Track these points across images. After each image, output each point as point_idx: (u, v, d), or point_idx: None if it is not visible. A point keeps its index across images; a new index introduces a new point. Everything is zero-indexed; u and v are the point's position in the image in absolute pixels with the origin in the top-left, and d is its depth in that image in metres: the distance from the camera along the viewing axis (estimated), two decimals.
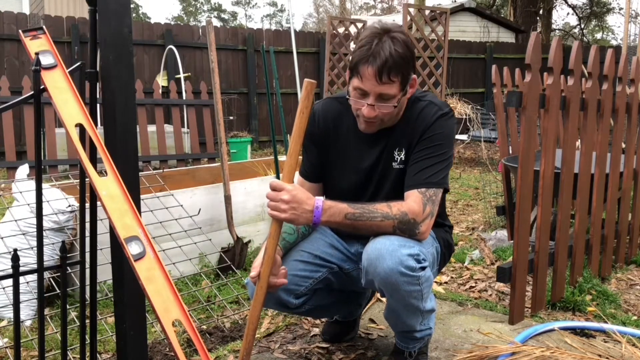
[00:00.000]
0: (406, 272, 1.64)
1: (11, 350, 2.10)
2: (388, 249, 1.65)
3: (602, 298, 2.64)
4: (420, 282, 1.70)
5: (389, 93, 1.68)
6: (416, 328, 1.89)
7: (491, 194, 4.57)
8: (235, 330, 2.34)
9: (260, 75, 9.60)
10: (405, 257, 1.64)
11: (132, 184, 1.44)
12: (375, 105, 1.70)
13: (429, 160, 1.76)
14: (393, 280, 1.65)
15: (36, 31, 1.39)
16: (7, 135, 5.62)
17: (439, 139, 1.78)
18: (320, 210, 1.62)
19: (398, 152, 1.83)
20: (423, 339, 1.96)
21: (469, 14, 14.35)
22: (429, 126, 1.78)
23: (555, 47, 2.43)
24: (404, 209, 1.69)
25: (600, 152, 2.83)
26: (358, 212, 1.67)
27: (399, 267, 1.63)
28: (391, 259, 1.63)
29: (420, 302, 1.77)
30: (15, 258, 1.38)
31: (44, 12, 11.18)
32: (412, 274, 1.65)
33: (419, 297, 1.74)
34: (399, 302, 1.75)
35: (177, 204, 2.88)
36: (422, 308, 1.80)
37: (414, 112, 1.81)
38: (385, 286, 1.69)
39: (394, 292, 1.70)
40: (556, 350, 1.94)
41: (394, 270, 1.63)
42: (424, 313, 1.83)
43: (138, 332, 1.51)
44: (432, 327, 1.99)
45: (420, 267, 1.67)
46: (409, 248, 1.66)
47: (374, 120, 1.75)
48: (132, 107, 1.48)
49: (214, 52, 3.14)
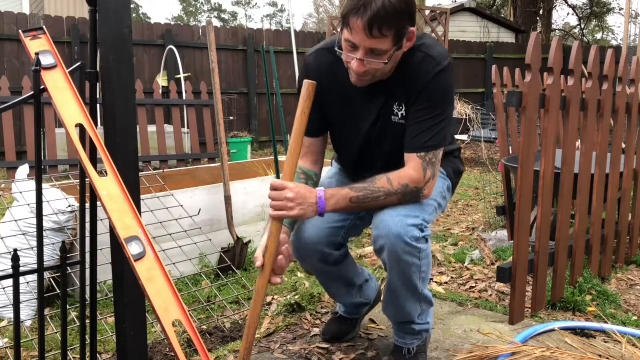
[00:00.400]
0: (409, 241, 1.69)
1: (11, 350, 2.10)
2: (394, 219, 1.70)
3: (602, 298, 2.64)
4: (420, 256, 1.73)
5: (380, 48, 1.59)
6: (414, 318, 1.91)
7: (491, 194, 4.57)
8: (235, 330, 2.34)
9: (260, 75, 9.60)
10: (410, 227, 1.69)
11: (132, 184, 1.44)
12: (365, 60, 1.62)
13: (427, 121, 1.72)
14: (397, 248, 1.70)
15: (36, 31, 1.39)
16: (7, 135, 5.62)
17: (437, 98, 1.71)
18: (324, 200, 1.65)
19: (397, 107, 1.78)
20: (421, 335, 1.98)
21: (469, 14, 14.36)
22: (427, 84, 1.70)
23: (555, 47, 2.43)
24: (405, 181, 1.72)
25: (600, 152, 2.83)
26: (361, 195, 1.69)
27: (404, 236, 1.68)
28: (397, 228, 1.69)
29: (418, 281, 1.80)
30: (15, 258, 1.38)
31: (44, 12, 11.18)
32: (414, 244, 1.70)
33: (418, 272, 1.77)
34: (399, 276, 1.78)
35: (177, 204, 2.88)
36: (420, 289, 1.84)
37: (411, 65, 1.72)
38: (389, 254, 1.73)
39: (396, 262, 1.73)
40: (556, 350, 1.94)
41: (398, 238, 1.68)
42: (421, 299, 1.88)
43: (138, 332, 1.51)
44: (431, 324, 2.01)
45: (422, 236, 1.72)
46: (414, 218, 1.71)
47: (364, 76, 1.67)
48: (132, 107, 1.48)
49: (214, 52, 3.14)
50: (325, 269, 2.03)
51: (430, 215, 1.83)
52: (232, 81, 9.38)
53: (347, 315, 2.25)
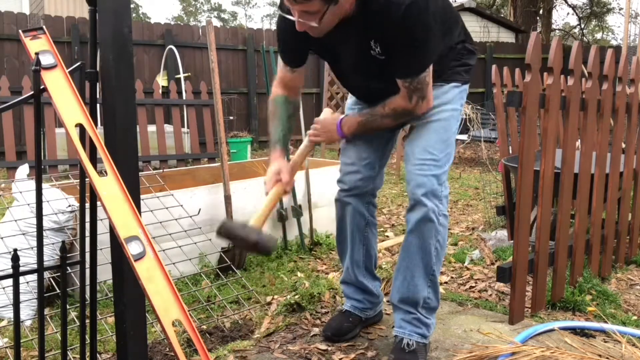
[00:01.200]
0: (431, 191, 1.94)
1: (11, 350, 2.10)
2: (424, 180, 1.95)
3: (602, 298, 2.64)
4: (437, 212, 1.94)
5: (310, 10, 1.69)
6: (419, 299, 2.01)
7: (491, 194, 4.57)
8: (235, 330, 2.34)
9: (260, 75, 9.60)
10: (433, 181, 1.95)
11: (132, 184, 1.44)
12: (301, 21, 1.73)
13: (405, 53, 1.80)
14: (419, 194, 1.93)
15: (36, 31, 1.39)
16: (7, 135, 5.62)
17: (411, 31, 1.74)
18: (340, 126, 2.06)
19: (374, 44, 1.85)
20: (421, 329, 2.02)
21: (469, 14, 14.35)
22: (396, 21, 1.73)
23: (555, 47, 2.43)
24: (394, 106, 1.94)
25: (600, 152, 2.83)
26: (364, 119, 2.02)
27: (426, 188, 1.94)
28: (424, 184, 1.94)
29: (432, 248, 1.98)
30: (15, 258, 1.38)
31: (44, 12, 11.19)
32: (436, 192, 1.94)
33: (434, 237, 1.97)
34: (417, 235, 1.97)
35: (177, 204, 2.88)
36: (432, 262, 2.00)
37: (378, 2, 1.75)
38: (413, 202, 1.96)
39: (419, 210, 1.94)
40: (556, 350, 1.94)
41: (421, 188, 1.94)
42: (431, 279, 2.02)
43: (138, 332, 1.51)
44: (432, 325, 2.07)
45: (442, 191, 1.96)
46: (436, 179, 1.96)
47: (310, 31, 1.79)
48: (132, 107, 1.48)
49: (214, 52, 3.14)
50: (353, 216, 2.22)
51: (454, 147, 2.04)
52: (232, 81, 9.38)
53: (352, 309, 2.28)
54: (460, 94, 2.08)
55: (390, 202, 5.13)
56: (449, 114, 2.02)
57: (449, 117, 2.02)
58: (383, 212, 4.64)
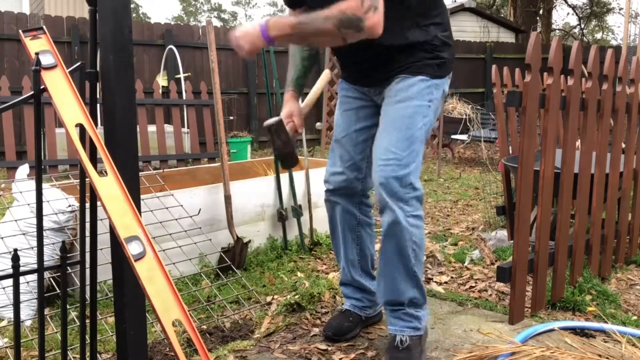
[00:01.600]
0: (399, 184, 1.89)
1: (11, 350, 2.10)
2: (386, 170, 1.90)
3: (602, 298, 2.64)
4: (405, 215, 1.89)
5: None
6: (404, 300, 1.98)
7: (491, 194, 4.57)
8: (235, 330, 2.34)
9: (260, 75, 9.60)
10: (395, 184, 1.89)
11: (132, 184, 1.44)
12: None
13: None
14: (384, 197, 1.90)
15: (36, 31, 1.39)
16: (7, 135, 5.61)
17: None
18: (265, 27, 1.79)
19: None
20: (413, 323, 2.01)
21: (469, 14, 14.35)
22: None
23: (555, 47, 2.43)
24: (342, 7, 1.74)
25: (600, 152, 2.83)
26: (300, 19, 1.80)
27: (397, 194, 1.90)
28: (387, 187, 1.90)
29: (409, 250, 1.93)
30: (15, 258, 1.38)
31: (44, 12, 11.18)
32: (399, 195, 1.89)
33: (408, 240, 1.92)
34: (391, 239, 1.93)
35: (177, 204, 2.88)
36: (412, 265, 1.95)
37: None
38: (381, 206, 1.92)
39: (387, 214, 1.91)
40: (556, 350, 1.94)
41: (385, 192, 1.90)
42: (414, 280, 1.97)
43: (138, 332, 1.50)
44: (424, 316, 2.05)
45: (408, 193, 1.90)
46: (403, 168, 1.90)
47: None
48: (132, 107, 1.48)
49: (214, 52, 3.14)
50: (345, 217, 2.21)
51: (421, 144, 1.94)
52: (232, 81, 9.38)
53: (352, 308, 2.28)
54: (429, 89, 1.96)
55: None
56: (413, 110, 1.94)
57: (413, 114, 1.94)
58: None
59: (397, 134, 1.92)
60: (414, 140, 1.92)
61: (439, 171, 6.80)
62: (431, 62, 1.97)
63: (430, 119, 1.98)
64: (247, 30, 1.82)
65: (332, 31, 1.75)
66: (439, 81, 2.00)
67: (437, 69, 1.98)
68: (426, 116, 1.95)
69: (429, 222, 4.33)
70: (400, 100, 1.95)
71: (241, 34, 1.83)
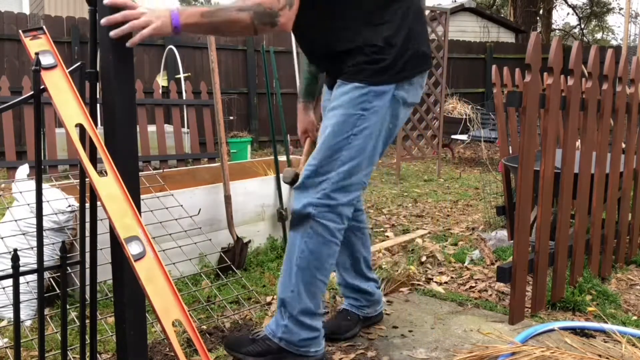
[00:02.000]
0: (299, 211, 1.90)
1: (11, 350, 2.10)
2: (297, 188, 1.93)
3: (602, 298, 2.64)
4: (302, 233, 1.89)
5: None
6: (282, 295, 1.94)
7: (491, 194, 4.57)
8: (235, 330, 2.34)
9: (260, 75, 9.60)
10: (301, 191, 1.91)
11: (132, 184, 1.44)
12: None
13: None
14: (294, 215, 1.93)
15: (36, 31, 1.39)
16: (7, 135, 5.61)
17: None
18: (177, 13, 1.60)
19: None
20: (273, 325, 1.98)
21: (469, 14, 14.35)
22: None
23: (555, 47, 2.43)
24: (258, 1, 1.68)
25: (600, 152, 2.83)
26: (213, 9, 1.67)
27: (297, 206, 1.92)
28: (297, 192, 1.93)
29: (295, 259, 1.90)
30: (15, 258, 1.38)
31: (44, 12, 11.18)
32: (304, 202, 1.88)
33: (297, 248, 1.90)
34: (291, 234, 1.95)
35: (177, 204, 2.88)
36: (293, 264, 1.91)
37: None
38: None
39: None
40: (556, 350, 1.94)
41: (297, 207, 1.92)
42: (292, 276, 1.91)
43: (138, 332, 1.51)
44: (282, 323, 1.96)
45: (305, 203, 1.88)
46: (303, 190, 1.90)
47: None
48: (132, 107, 1.48)
49: (214, 52, 3.14)
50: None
51: (348, 153, 1.86)
52: (232, 81, 9.38)
53: (349, 307, 2.28)
54: (364, 97, 1.83)
55: (390, 202, 5.13)
56: (341, 119, 1.84)
57: (341, 122, 1.84)
58: (383, 212, 4.64)
59: (321, 143, 1.88)
60: (337, 150, 1.84)
61: (439, 171, 6.80)
62: (368, 67, 1.82)
63: (368, 129, 1.85)
64: (154, 9, 1.60)
65: (246, 23, 1.68)
66: (383, 88, 1.84)
67: (376, 75, 1.83)
68: (359, 126, 1.84)
69: (429, 222, 4.33)
70: (332, 108, 1.88)
71: (146, 9, 1.57)
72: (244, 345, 2.00)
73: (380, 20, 1.82)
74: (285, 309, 1.94)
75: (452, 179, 6.49)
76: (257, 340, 2.00)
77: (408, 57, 1.85)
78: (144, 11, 1.53)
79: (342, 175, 1.85)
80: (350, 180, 1.87)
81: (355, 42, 1.82)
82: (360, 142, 1.85)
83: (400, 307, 2.57)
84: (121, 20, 1.48)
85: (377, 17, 1.82)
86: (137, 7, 1.53)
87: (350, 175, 1.87)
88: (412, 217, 4.50)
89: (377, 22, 1.82)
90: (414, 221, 4.36)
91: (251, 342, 2.00)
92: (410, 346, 2.17)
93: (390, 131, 1.94)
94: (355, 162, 1.86)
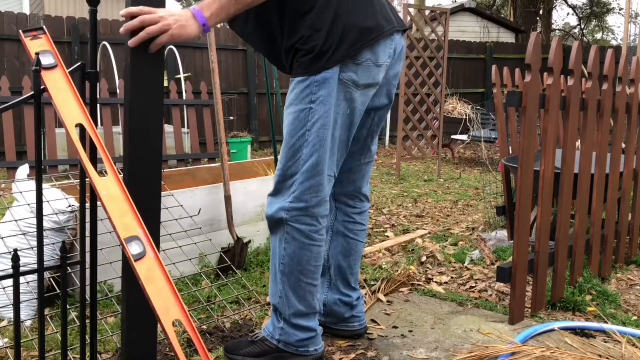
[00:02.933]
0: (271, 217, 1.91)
1: (11, 350, 2.10)
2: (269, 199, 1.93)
3: (602, 298, 2.64)
4: (283, 232, 1.88)
5: None
6: (272, 300, 1.97)
7: (491, 194, 4.57)
8: (235, 330, 2.34)
9: (260, 75, 9.60)
10: (270, 198, 1.93)
11: (154, 184, 1.44)
12: None
13: None
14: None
15: (36, 31, 1.39)
16: (7, 135, 5.61)
17: None
18: (199, 9, 1.57)
19: None
20: (270, 327, 2.01)
21: (469, 14, 14.35)
22: None
23: (555, 47, 2.43)
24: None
25: (600, 152, 2.83)
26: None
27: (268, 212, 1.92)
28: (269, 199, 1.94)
29: (278, 265, 1.91)
30: (15, 258, 1.38)
31: (44, 12, 11.19)
32: (274, 209, 1.89)
33: (278, 256, 1.91)
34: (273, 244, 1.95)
35: (177, 204, 2.88)
36: (277, 270, 1.93)
37: None
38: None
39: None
40: (556, 350, 1.94)
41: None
42: (278, 283, 1.94)
43: (144, 332, 1.51)
44: (280, 328, 1.97)
45: (277, 208, 1.88)
46: (272, 197, 1.92)
47: None
48: (160, 107, 1.49)
49: (214, 52, 3.14)
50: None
51: (308, 150, 1.82)
52: (232, 81, 9.38)
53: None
54: (308, 89, 1.79)
55: (390, 202, 5.13)
56: (293, 117, 1.83)
57: (294, 120, 1.83)
58: (383, 212, 4.65)
59: (283, 146, 1.87)
60: (297, 149, 1.83)
61: (439, 171, 6.80)
62: (303, 59, 1.78)
63: (320, 121, 1.80)
64: (174, 11, 1.54)
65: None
66: (324, 75, 1.77)
67: (312, 64, 1.76)
68: (310, 120, 1.80)
69: (429, 222, 4.33)
70: (285, 108, 1.87)
71: (168, 13, 1.51)
72: (243, 347, 2.02)
73: (306, 8, 1.74)
74: (279, 313, 1.97)
75: (452, 179, 6.50)
76: (255, 341, 2.02)
77: (340, 36, 1.74)
78: (163, 14, 1.49)
79: (306, 174, 1.83)
80: (317, 178, 1.84)
81: (292, 39, 1.79)
82: (316, 136, 1.81)
83: (400, 307, 2.57)
84: (138, 26, 1.45)
85: (304, 6, 1.75)
86: (155, 11, 1.49)
87: (315, 173, 1.83)
88: (412, 217, 4.50)
89: (304, 11, 1.75)
90: (414, 221, 4.36)
91: (250, 344, 2.02)
92: (410, 346, 2.17)
93: (350, 116, 1.86)
94: (316, 157, 1.82)
